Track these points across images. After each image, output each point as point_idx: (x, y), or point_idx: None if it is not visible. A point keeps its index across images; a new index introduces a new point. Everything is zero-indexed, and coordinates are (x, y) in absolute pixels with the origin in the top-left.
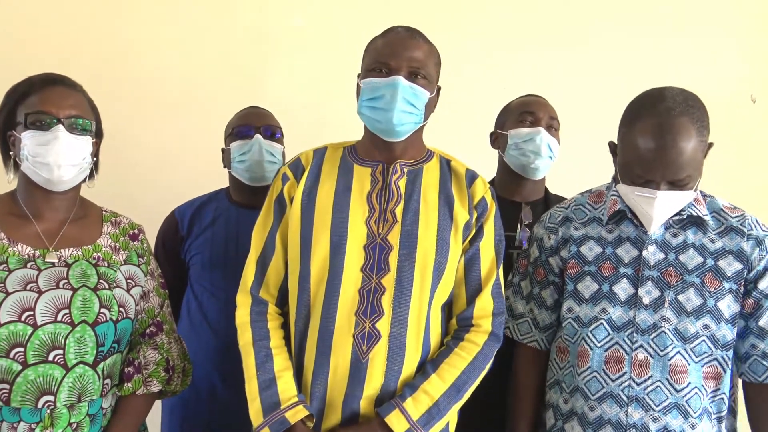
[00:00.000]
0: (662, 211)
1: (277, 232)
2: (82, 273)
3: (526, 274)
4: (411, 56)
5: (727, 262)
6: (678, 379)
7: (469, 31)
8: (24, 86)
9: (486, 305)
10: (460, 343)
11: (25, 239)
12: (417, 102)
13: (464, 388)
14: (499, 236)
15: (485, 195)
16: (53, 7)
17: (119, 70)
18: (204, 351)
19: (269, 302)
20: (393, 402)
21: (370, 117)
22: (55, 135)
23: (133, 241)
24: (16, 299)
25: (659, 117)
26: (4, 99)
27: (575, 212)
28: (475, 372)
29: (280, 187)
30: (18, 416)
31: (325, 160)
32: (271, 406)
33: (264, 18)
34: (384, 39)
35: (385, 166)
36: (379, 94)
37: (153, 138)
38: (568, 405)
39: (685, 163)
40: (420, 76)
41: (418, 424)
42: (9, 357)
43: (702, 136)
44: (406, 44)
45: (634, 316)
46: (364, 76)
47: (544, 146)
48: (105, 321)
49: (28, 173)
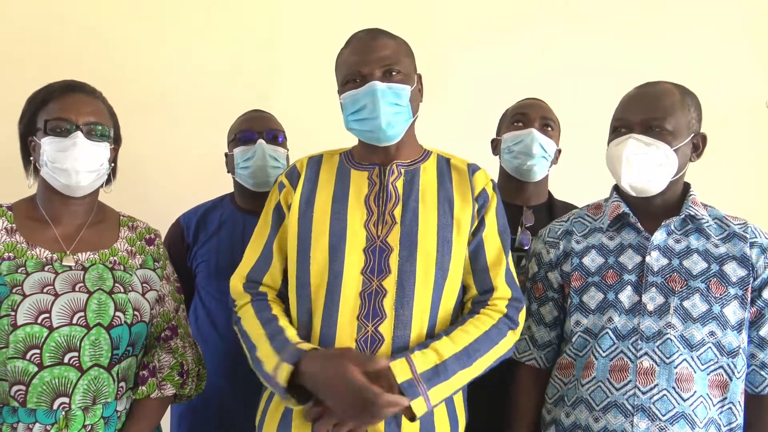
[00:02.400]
0: (635, 157)
1: (274, 241)
2: (98, 276)
3: (524, 290)
4: (379, 57)
5: (732, 267)
6: (684, 387)
7: (472, 33)
8: (44, 93)
9: (502, 293)
10: (474, 315)
11: (43, 243)
12: (400, 100)
13: (475, 356)
14: (503, 226)
15: (486, 186)
16: (66, 14)
17: (129, 77)
18: (212, 357)
19: (268, 293)
20: (402, 354)
21: (360, 129)
22: (73, 141)
23: (149, 245)
24: (32, 302)
25: (647, 82)
26: (25, 105)
27: (575, 225)
28: (487, 343)
29: (277, 197)
30: (34, 417)
31: (322, 166)
32: (282, 345)
33: (273, 27)
34: (349, 48)
35: (381, 168)
36: (361, 104)
37: (161, 145)
38: (571, 418)
39: (662, 106)
40: (394, 72)
41: (422, 377)
42: (25, 359)
43: (687, 105)
44: (371, 47)
45: (638, 324)
46: (341, 91)
47: (535, 146)
48: (120, 324)
49: (47, 178)
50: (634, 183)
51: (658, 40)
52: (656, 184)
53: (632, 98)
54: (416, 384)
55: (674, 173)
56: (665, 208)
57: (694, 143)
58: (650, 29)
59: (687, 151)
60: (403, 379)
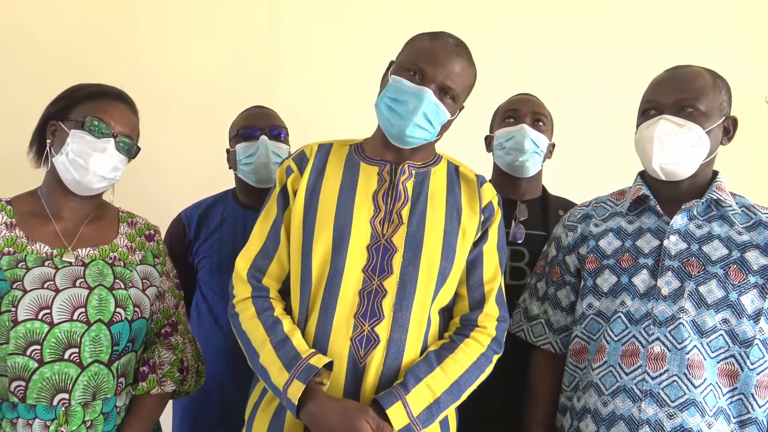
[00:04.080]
0: (668, 138)
1: (281, 225)
2: (98, 272)
3: (543, 274)
4: (449, 71)
5: (754, 255)
6: (696, 374)
7: (472, 37)
8: (94, 89)
9: (491, 311)
10: (465, 339)
11: (42, 238)
12: (435, 121)
13: (464, 388)
14: (502, 243)
15: (492, 200)
16: (68, 14)
17: (129, 77)
18: (214, 353)
19: (270, 288)
20: (395, 392)
21: (386, 117)
22: (104, 146)
23: (149, 241)
24: (33, 297)
25: (676, 66)
26: (65, 92)
27: (596, 209)
28: (476, 372)
29: (284, 180)
30: (33, 413)
31: (331, 155)
32: (292, 360)
33: (276, 27)
34: (429, 42)
35: (393, 167)
36: (403, 99)
37: (164, 144)
38: (581, 402)
39: (694, 88)
40: (450, 95)
41: (418, 419)
42: (26, 354)
43: (718, 87)
44: (449, 57)
45: (652, 308)
46: (395, 71)
47: (526, 141)
48: (120, 320)
49: (59, 168)
50: (665, 164)
51: (659, 36)
52: (687, 167)
53: (663, 80)
54: (413, 428)
55: (705, 156)
56: (691, 193)
57: (725, 126)
58: (651, 25)
59: (718, 135)
60: (401, 425)
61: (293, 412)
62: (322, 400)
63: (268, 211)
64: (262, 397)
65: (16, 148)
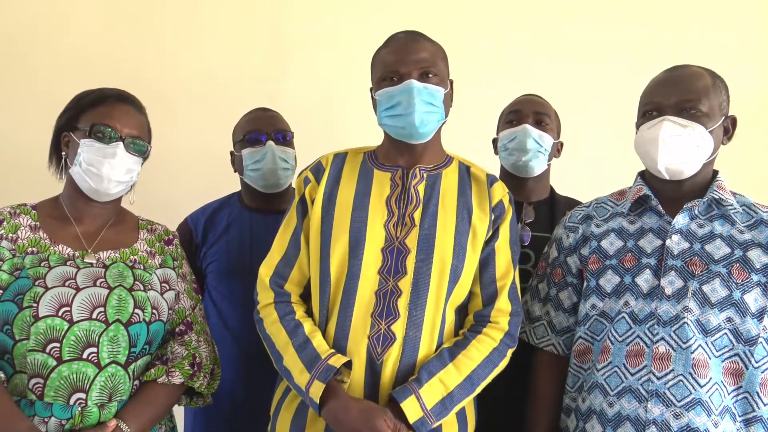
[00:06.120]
0: (672, 139)
1: (301, 233)
2: (118, 274)
3: (544, 276)
4: (418, 58)
5: (756, 254)
6: (701, 373)
7: (473, 37)
8: (96, 96)
9: (503, 306)
10: (477, 336)
11: (65, 240)
12: (434, 100)
13: (478, 383)
14: (514, 239)
15: (503, 198)
16: (71, 15)
17: (130, 77)
18: (225, 358)
19: (292, 293)
20: (409, 387)
21: (393, 125)
22: (114, 150)
23: (168, 245)
24: (54, 294)
25: (675, 66)
26: (72, 102)
27: (597, 210)
28: (489, 367)
29: (302, 190)
30: (50, 411)
31: (346, 163)
32: (312, 360)
33: (282, 25)
34: (388, 48)
35: (404, 171)
36: (396, 101)
37: (169, 145)
38: (586, 403)
39: (695, 88)
40: (431, 74)
41: (432, 412)
42: (45, 352)
43: (718, 87)
44: (411, 48)
45: (655, 308)
46: (377, 87)
47: (529, 141)
48: (138, 321)
49: (76, 178)
50: (671, 165)
51: (663, 34)
52: (691, 167)
53: (663, 81)
54: (427, 421)
55: (708, 156)
56: (692, 193)
57: (725, 126)
58: (655, 23)
59: (719, 134)
60: (415, 418)
61: (316, 410)
62: (342, 399)
63: (289, 221)
64: (285, 395)
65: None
